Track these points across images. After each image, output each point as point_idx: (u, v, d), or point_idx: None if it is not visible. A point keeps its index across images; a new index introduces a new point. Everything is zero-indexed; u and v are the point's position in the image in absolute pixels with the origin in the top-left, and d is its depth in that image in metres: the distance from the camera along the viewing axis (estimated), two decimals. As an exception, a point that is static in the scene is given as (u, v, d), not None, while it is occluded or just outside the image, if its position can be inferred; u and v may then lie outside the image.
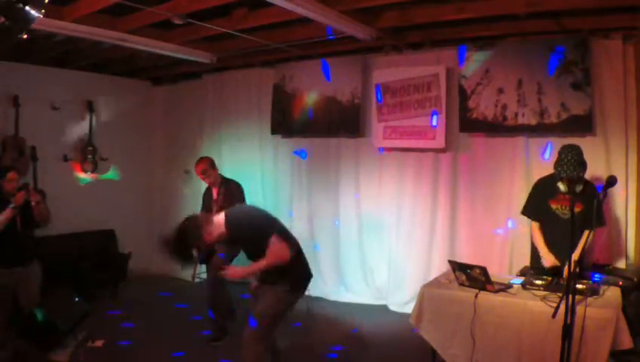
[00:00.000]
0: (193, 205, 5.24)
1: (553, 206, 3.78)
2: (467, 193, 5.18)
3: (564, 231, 3.59)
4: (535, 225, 3.94)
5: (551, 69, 4.55)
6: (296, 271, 3.18)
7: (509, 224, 4.86)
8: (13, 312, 4.15)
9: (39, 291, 4.29)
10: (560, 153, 3.68)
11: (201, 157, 4.95)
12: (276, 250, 2.94)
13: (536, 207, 3.92)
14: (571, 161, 3.57)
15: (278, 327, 3.26)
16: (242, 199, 4.74)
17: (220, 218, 3.09)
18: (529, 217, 3.99)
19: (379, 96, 5.50)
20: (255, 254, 3.06)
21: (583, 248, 3.33)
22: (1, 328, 4.08)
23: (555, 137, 4.59)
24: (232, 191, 4.75)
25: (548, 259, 3.73)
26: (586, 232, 3.48)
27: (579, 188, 3.65)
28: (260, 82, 6.45)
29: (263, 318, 3.08)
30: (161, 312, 5.49)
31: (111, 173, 6.84)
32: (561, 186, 3.71)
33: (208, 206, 4.83)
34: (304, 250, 6.07)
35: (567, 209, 3.68)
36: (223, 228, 3.04)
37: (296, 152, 6.27)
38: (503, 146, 4.95)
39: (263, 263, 2.98)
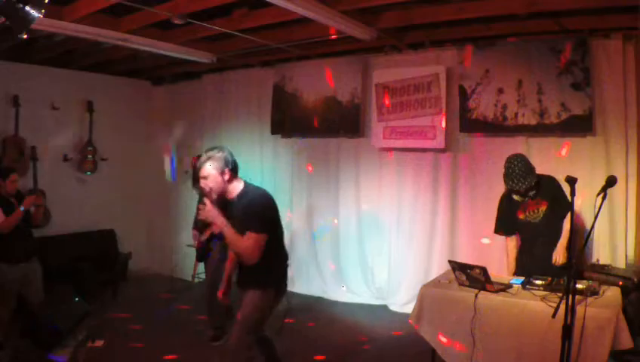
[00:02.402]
0: (192, 205, 5.22)
1: (521, 216, 3.87)
2: (467, 193, 5.17)
3: (539, 233, 3.74)
4: (508, 239, 4.04)
5: (551, 69, 4.55)
6: (280, 274, 3.09)
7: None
8: (17, 308, 4.21)
9: (42, 286, 4.40)
10: (506, 166, 3.74)
11: (199, 155, 4.93)
12: (249, 245, 2.80)
13: (506, 223, 4.00)
14: (519, 174, 3.63)
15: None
16: None
17: (238, 184, 2.97)
18: (503, 234, 4.08)
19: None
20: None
21: (565, 238, 3.43)
22: (4, 323, 4.13)
23: (555, 137, 4.59)
24: None
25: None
26: (565, 222, 3.57)
27: (532, 193, 3.71)
28: (260, 82, 6.46)
29: (247, 323, 2.95)
30: (161, 312, 5.49)
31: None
32: (516, 197, 3.80)
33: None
34: (303, 250, 6.09)
35: (534, 212, 3.80)
36: (230, 193, 2.93)
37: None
38: (503, 146, 4.94)
39: (233, 236, 2.83)
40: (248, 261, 2.85)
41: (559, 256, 3.68)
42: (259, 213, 2.85)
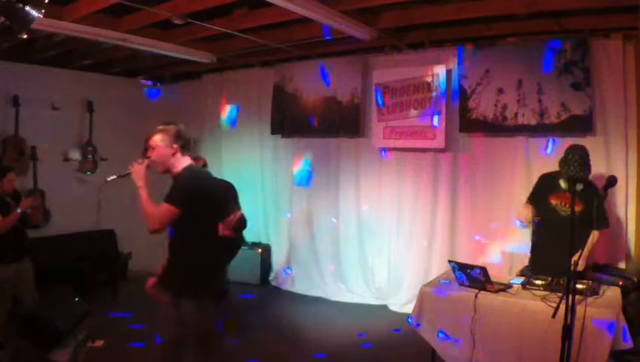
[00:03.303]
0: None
1: (553, 201, 3.80)
2: (467, 193, 5.17)
3: (562, 228, 3.62)
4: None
5: (551, 69, 4.55)
6: (212, 279, 2.96)
7: (509, 224, 4.85)
8: (13, 309, 4.21)
9: (35, 286, 4.41)
10: (567, 152, 3.70)
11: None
12: (156, 212, 2.75)
13: (538, 199, 3.94)
14: (579, 161, 3.59)
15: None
16: (235, 197, 4.72)
17: (185, 162, 2.88)
18: (532, 206, 3.99)
19: (379, 99, 5.50)
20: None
21: (588, 249, 3.35)
22: (1, 324, 4.13)
23: (555, 137, 4.59)
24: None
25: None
26: (592, 233, 3.52)
27: (579, 187, 3.66)
28: (260, 82, 6.46)
29: (200, 339, 2.85)
30: (160, 312, 5.47)
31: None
32: (562, 184, 3.73)
33: None
34: (303, 250, 6.04)
35: (567, 206, 3.71)
36: (174, 169, 2.86)
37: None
38: (503, 146, 4.95)
39: (146, 200, 2.82)
40: (149, 225, 2.78)
41: (581, 264, 3.62)
42: (181, 188, 2.79)
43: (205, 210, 2.86)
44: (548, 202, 3.82)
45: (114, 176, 3.06)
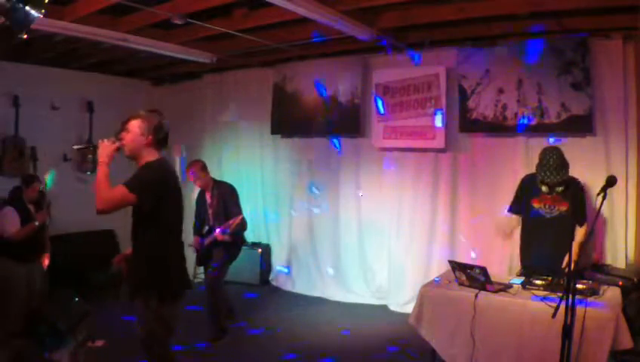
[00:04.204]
0: (193, 206, 5.22)
1: (536, 205, 3.83)
2: (467, 193, 5.18)
3: (547, 230, 3.66)
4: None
5: (551, 69, 4.55)
6: (165, 277, 2.73)
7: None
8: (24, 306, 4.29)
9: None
10: (541, 157, 3.71)
11: (192, 161, 4.91)
12: (110, 193, 2.60)
13: (520, 205, 3.97)
14: (553, 166, 3.60)
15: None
16: (236, 200, 4.72)
17: (154, 155, 2.75)
18: (514, 215, 4.07)
19: (379, 106, 5.51)
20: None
21: (579, 245, 3.37)
22: (13, 320, 4.17)
23: (555, 137, 4.59)
24: (225, 193, 4.72)
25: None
26: (579, 229, 3.53)
27: (560, 188, 3.68)
28: (260, 82, 6.46)
29: (149, 345, 2.78)
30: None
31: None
32: (543, 188, 3.75)
33: (202, 210, 4.81)
34: (304, 250, 6.03)
35: (550, 208, 3.76)
36: (141, 160, 2.74)
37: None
38: (503, 146, 4.95)
39: (102, 179, 2.65)
40: (97, 204, 2.62)
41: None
42: (143, 176, 2.67)
43: (166, 206, 2.72)
44: (531, 206, 3.85)
45: (81, 145, 3.01)
